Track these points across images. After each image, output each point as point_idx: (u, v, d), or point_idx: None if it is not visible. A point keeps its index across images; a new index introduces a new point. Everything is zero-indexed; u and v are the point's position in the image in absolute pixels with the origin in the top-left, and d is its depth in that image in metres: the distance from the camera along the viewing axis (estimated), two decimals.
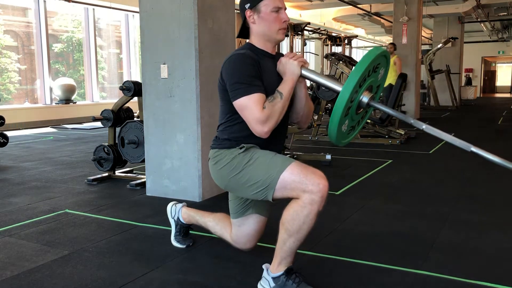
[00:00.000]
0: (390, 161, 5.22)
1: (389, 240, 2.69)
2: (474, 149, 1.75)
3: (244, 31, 2.04)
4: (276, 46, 2.08)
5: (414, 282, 2.14)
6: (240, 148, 1.94)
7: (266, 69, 1.94)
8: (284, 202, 1.87)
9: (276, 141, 2.06)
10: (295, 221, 1.81)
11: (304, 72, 1.93)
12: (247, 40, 2.06)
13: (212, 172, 2.07)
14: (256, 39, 2.00)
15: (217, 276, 2.21)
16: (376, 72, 1.86)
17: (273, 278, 1.93)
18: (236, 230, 2.20)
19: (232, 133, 2.00)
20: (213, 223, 2.37)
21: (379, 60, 1.82)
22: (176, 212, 2.55)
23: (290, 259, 1.92)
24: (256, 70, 1.88)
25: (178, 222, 2.55)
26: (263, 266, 2.00)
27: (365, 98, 1.84)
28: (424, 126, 1.83)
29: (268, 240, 2.33)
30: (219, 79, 1.97)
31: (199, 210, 2.51)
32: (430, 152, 5.87)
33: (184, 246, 2.54)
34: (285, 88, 1.89)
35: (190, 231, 2.67)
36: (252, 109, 1.83)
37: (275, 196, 1.86)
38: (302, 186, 1.79)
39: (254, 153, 1.93)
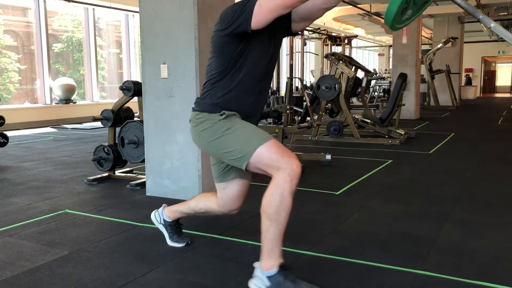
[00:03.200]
0: (390, 161, 5.22)
1: (389, 240, 2.70)
2: None
3: None
4: None
5: (414, 282, 2.14)
6: (221, 115, 1.96)
7: None
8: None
9: (259, 101, 2.09)
10: (272, 203, 1.85)
11: None
12: None
13: (192, 134, 2.11)
14: None
15: (217, 276, 2.21)
16: None
17: (268, 277, 1.92)
18: (221, 193, 2.24)
19: (217, 94, 2.00)
20: (196, 202, 2.42)
21: None
22: (160, 216, 2.57)
23: (277, 251, 1.92)
24: None
25: (166, 224, 2.56)
26: (254, 265, 2.00)
27: None
28: (493, 25, 1.67)
29: None
30: (214, 32, 2.00)
31: (178, 203, 2.54)
32: (430, 152, 5.87)
33: (183, 245, 2.54)
34: None
35: (191, 231, 2.66)
36: None
37: (249, 168, 1.92)
38: (276, 164, 1.84)
39: (234, 122, 1.97)
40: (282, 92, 10.40)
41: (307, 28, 12.14)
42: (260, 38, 1.96)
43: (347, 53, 13.59)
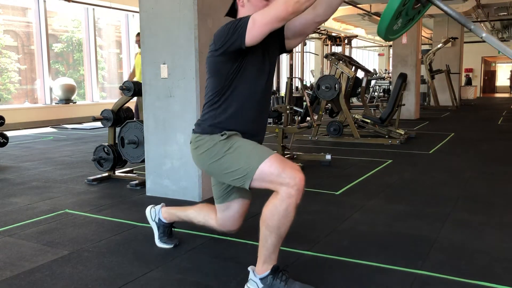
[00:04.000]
0: (390, 161, 5.22)
1: (389, 240, 2.70)
2: None
3: (233, 11, 2.07)
4: None
5: (414, 282, 2.14)
6: (222, 135, 1.96)
7: None
8: (265, 198, 1.88)
9: (259, 120, 2.08)
10: (275, 216, 1.84)
11: None
12: None
13: (193, 156, 2.11)
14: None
15: (217, 276, 2.21)
16: None
17: (261, 279, 1.94)
18: (222, 214, 2.24)
19: (216, 115, 2.00)
20: (195, 213, 2.41)
21: None
22: (156, 214, 2.56)
23: (274, 256, 1.94)
24: None
25: (160, 224, 2.55)
26: (249, 268, 2.01)
27: None
28: (484, 35, 1.65)
29: None
30: (209, 53, 1.99)
31: (178, 206, 2.53)
32: (430, 152, 5.87)
33: (171, 246, 2.54)
34: None
35: (191, 231, 2.66)
36: (272, 7, 1.78)
37: (252, 186, 1.90)
38: (279, 180, 1.82)
39: (235, 141, 1.96)
40: (282, 92, 10.40)
41: None
42: (254, 57, 1.97)
43: (347, 53, 13.60)
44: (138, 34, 6.55)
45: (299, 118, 7.89)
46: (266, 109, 2.13)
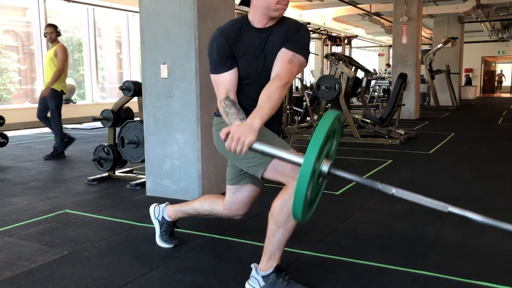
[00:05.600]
0: (390, 161, 5.22)
1: (389, 240, 2.70)
2: (451, 209, 1.49)
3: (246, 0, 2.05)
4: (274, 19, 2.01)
5: (414, 282, 2.14)
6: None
7: (246, 42, 1.95)
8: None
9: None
10: (284, 210, 1.85)
11: (256, 146, 1.65)
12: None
13: (214, 138, 2.13)
14: (252, 11, 1.98)
15: (217, 276, 2.21)
16: (333, 137, 1.68)
17: (263, 277, 1.94)
18: (230, 196, 2.24)
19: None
20: (200, 203, 2.41)
21: (335, 124, 1.61)
22: (160, 212, 2.55)
23: (278, 254, 1.94)
24: (226, 48, 1.94)
25: (163, 222, 2.55)
26: (252, 266, 2.01)
27: (325, 167, 1.65)
28: (394, 191, 1.66)
29: None
30: None
31: (182, 203, 2.53)
32: (430, 152, 5.87)
33: (171, 246, 2.54)
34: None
35: (191, 231, 2.66)
36: (217, 89, 1.99)
37: (265, 175, 1.91)
38: (292, 174, 1.83)
39: None
40: None
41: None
42: (243, 60, 1.97)
43: (347, 53, 13.60)
44: (48, 26, 5.72)
45: (299, 118, 7.89)
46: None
